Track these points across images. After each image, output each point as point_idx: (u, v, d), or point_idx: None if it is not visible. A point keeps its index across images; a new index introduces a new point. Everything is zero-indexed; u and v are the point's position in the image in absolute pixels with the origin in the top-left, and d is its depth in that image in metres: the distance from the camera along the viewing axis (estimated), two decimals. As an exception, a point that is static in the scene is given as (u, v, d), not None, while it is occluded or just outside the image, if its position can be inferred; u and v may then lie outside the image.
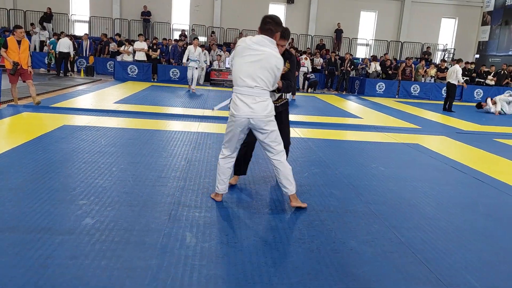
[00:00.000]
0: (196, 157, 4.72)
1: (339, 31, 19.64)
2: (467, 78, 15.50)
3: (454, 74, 11.35)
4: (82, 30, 18.68)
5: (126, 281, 2.16)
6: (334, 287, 2.26)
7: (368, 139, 6.59)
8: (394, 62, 16.50)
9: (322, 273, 2.39)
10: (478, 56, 21.09)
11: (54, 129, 5.60)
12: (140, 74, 13.81)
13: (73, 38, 14.53)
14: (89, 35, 16.17)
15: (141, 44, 13.87)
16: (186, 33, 18.19)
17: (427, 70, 15.75)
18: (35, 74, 10.39)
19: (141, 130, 5.99)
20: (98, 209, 3.04)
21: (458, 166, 5.20)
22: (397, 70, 15.49)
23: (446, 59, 18.06)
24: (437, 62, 18.80)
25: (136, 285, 2.13)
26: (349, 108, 10.82)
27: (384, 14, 20.73)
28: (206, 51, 13.86)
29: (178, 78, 14.03)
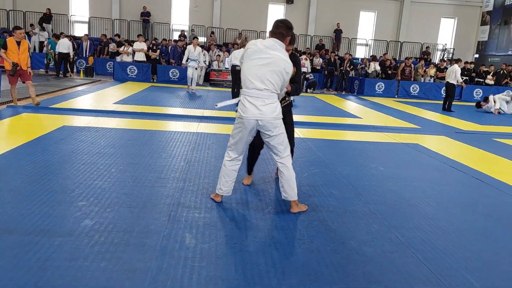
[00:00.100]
0: (195, 157, 4.71)
1: (339, 31, 19.65)
2: (467, 78, 15.51)
3: (453, 74, 11.36)
4: (81, 30, 18.69)
5: (126, 283, 2.15)
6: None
7: (367, 139, 6.59)
8: (394, 62, 16.52)
9: (322, 273, 2.39)
10: (477, 56, 21.11)
11: (53, 130, 5.59)
12: (139, 74, 13.81)
13: (72, 39, 14.52)
14: (88, 36, 16.16)
15: (140, 44, 13.87)
16: (186, 33, 18.19)
17: (427, 70, 15.75)
18: (35, 75, 10.38)
19: (140, 130, 5.99)
20: (97, 210, 3.03)
21: (458, 166, 5.20)
22: (396, 70, 15.51)
23: (445, 59, 18.07)
24: (436, 62, 18.81)
25: (135, 287, 2.13)
26: (348, 108, 10.82)
27: (383, 14, 20.74)
28: (205, 51, 13.86)
29: (178, 79, 14.03)
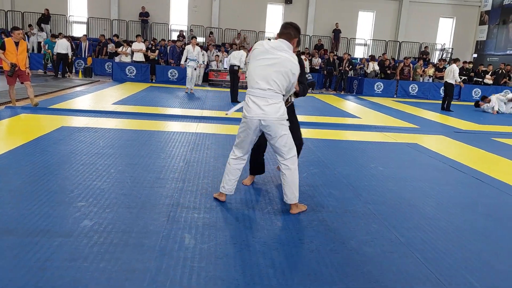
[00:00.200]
0: (194, 158, 4.71)
1: (337, 31, 19.66)
2: (465, 77, 15.53)
3: (451, 74, 11.37)
4: (80, 31, 18.66)
5: (125, 283, 2.15)
6: (334, 288, 2.25)
7: (366, 139, 6.59)
8: (392, 62, 16.53)
9: (321, 273, 2.39)
10: (476, 55, 21.13)
11: (52, 130, 5.58)
12: (138, 75, 13.80)
13: (71, 39, 14.49)
14: (87, 36, 16.13)
15: (139, 45, 13.84)
16: (185, 33, 18.18)
17: (425, 69, 15.77)
18: (33, 75, 10.35)
19: (139, 131, 5.98)
20: (97, 211, 3.03)
21: (458, 166, 5.20)
22: (395, 70, 15.53)
23: (444, 59, 18.08)
24: (435, 61, 18.83)
25: (134, 287, 2.12)
26: (347, 108, 10.82)
27: (382, 14, 20.75)
28: (204, 51, 13.85)
29: (177, 79, 14.02)
